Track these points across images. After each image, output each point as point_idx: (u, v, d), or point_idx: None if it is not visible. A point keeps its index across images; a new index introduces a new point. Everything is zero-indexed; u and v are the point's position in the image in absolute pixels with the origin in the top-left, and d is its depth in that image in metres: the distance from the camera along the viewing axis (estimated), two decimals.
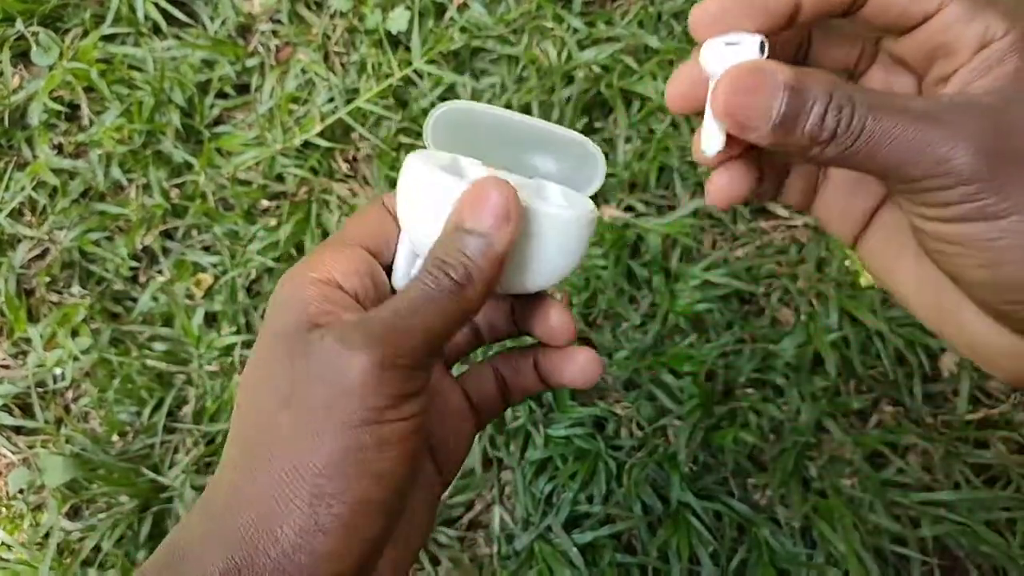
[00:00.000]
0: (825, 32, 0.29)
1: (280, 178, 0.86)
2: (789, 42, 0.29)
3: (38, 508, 0.79)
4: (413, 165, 0.29)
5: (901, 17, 0.26)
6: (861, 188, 0.31)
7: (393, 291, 0.32)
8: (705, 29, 0.26)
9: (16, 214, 0.88)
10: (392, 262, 0.32)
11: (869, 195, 0.31)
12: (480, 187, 0.27)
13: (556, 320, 0.32)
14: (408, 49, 0.87)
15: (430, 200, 0.28)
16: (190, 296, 0.84)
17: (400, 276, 0.31)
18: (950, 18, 0.26)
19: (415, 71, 0.86)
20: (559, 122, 0.82)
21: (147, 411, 0.80)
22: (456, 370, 0.35)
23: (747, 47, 0.25)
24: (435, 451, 0.32)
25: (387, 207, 0.31)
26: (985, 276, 0.25)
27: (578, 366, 0.32)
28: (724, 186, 0.29)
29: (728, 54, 0.26)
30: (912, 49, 0.27)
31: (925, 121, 0.24)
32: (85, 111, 0.90)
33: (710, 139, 0.27)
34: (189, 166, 0.87)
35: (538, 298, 0.32)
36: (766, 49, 0.26)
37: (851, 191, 0.31)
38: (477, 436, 0.74)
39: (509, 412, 0.75)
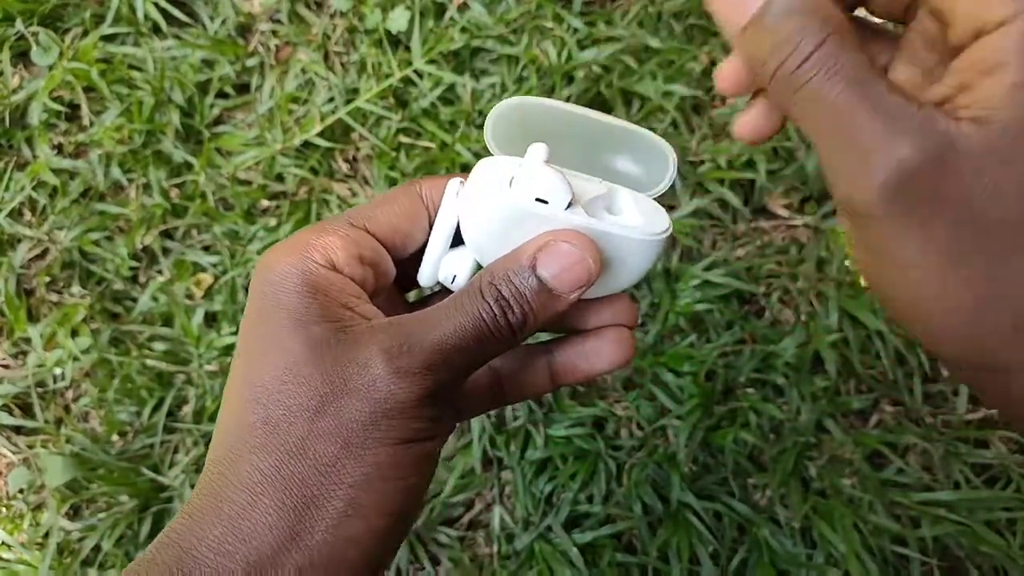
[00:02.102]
0: None
1: (280, 178, 0.86)
2: None
3: (38, 508, 0.79)
4: (483, 177, 0.27)
5: None
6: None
7: (400, 283, 0.31)
8: None
9: (16, 214, 0.88)
10: (411, 253, 0.30)
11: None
12: (568, 242, 0.26)
13: (616, 311, 0.31)
14: (408, 49, 0.87)
15: (502, 222, 0.27)
16: (190, 296, 0.84)
17: (427, 276, 0.30)
18: None
19: (415, 71, 0.86)
20: None
21: (147, 411, 0.80)
22: None
23: None
24: None
25: (421, 196, 0.30)
26: (916, 285, 0.23)
27: (611, 344, 0.31)
28: (750, 120, 0.28)
29: None
30: (925, 11, 0.24)
31: (869, 118, 0.21)
32: (85, 111, 0.90)
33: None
34: (189, 166, 0.87)
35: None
36: None
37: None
38: (477, 436, 0.74)
39: (509, 412, 0.75)
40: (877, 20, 0.26)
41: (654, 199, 0.30)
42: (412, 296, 0.34)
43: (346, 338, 0.25)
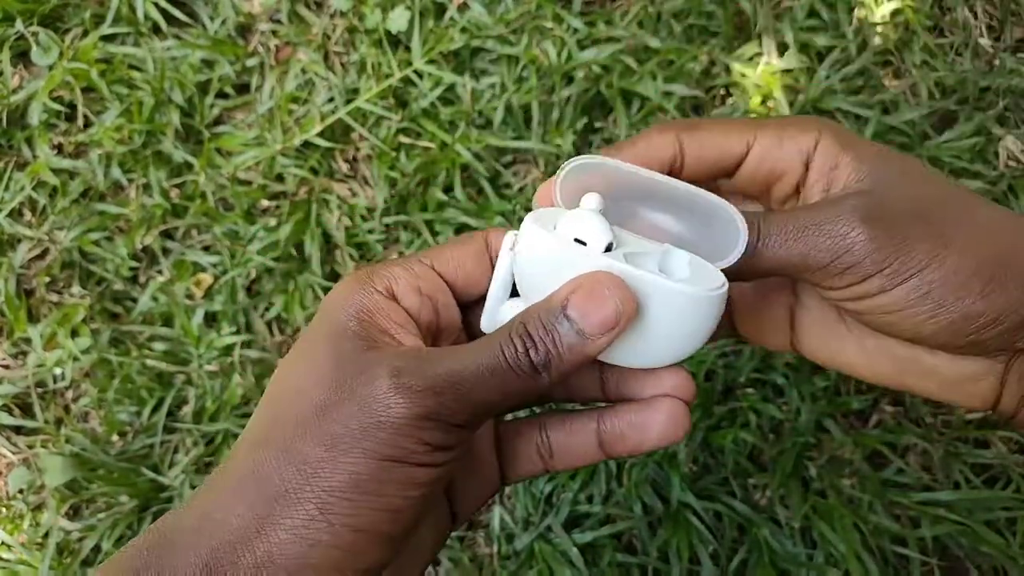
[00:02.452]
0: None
1: (280, 178, 0.86)
2: None
3: (38, 508, 0.79)
4: (529, 227, 0.27)
5: (720, 163, 0.30)
6: (773, 298, 0.33)
7: (467, 330, 0.31)
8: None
9: (16, 214, 0.88)
10: (476, 297, 0.30)
11: (781, 304, 0.33)
12: (600, 281, 0.25)
13: (671, 382, 0.29)
14: (408, 49, 0.87)
15: (543, 263, 0.27)
16: (190, 296, 0.84)
17: (487, 323, 0.30)
18: (762, 151, 0.29)
19: (415, 71, 0.86)
20: (558, 122, 0.83)
21: (147, 411, 0.80)
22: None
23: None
24: (454, 494, 0.31)
25: (488, 244, 0.30)
26: (937, 325, 0.27)
27: (663, 416, 0.29)
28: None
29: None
30: (746, 182, 0.30)
31: (815, 216, 0.27)
32: (85, 111, 0.90)
33: None
34: (189, 166, 0.87)
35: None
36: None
37: (766, 303, 0.34)
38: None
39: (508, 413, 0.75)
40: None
41: (720, 269, 0.28)
42: None
43: (367, 355, 0.25)
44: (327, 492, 0.23)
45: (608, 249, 0.27)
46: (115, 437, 0.80)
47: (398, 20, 0.87)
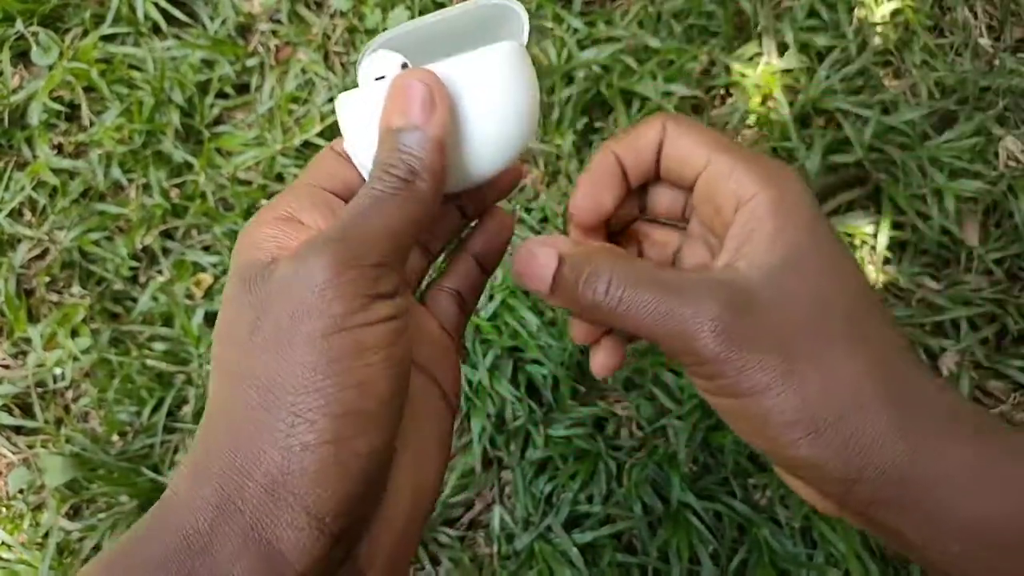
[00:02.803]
0: (656, 185, 0.32)
1: (280, 178, 0.86)
2: (628, 199, 0.32)
3: (38, 508, 0.79)
4: (340, 97, 0.28)
5: (681, 168, 0.29)
6: None
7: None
8: (585, 214, 0.31)
9: (16, 214, 0.88)
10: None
11: None
12: (396, 83, 0.26)
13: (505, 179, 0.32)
14: None
15: (361, 117, 0.27)
16: (190, 296, 0.84)
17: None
18: (713, 174, 0.28)
19: None
20: (558, 122, 0.83)
21: (147, 411, 0.80)
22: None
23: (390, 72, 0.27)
24: (432, 376, 0.31)
25: (337, 150, 0.30)
26: (749, 439, 0.27)
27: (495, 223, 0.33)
28: (603, 360, 0.33)
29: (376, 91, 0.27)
30: (698, 203, 0.30)
31: (675, 299, 0.26)
32: (85, 111, 0.90)
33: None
34: (189, 166, 0.87)
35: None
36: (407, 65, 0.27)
37: None
38: (477, 436, 0.74)
39: (509, 412, 0.75)
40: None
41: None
42: None
43: (274, 263, 0.25)
44: (292, 393, 0.22)
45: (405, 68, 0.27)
46: (115, 437, 0.80)
47: (398, 20, 0.87)
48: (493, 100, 0.27)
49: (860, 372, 0.25)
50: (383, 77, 0.28)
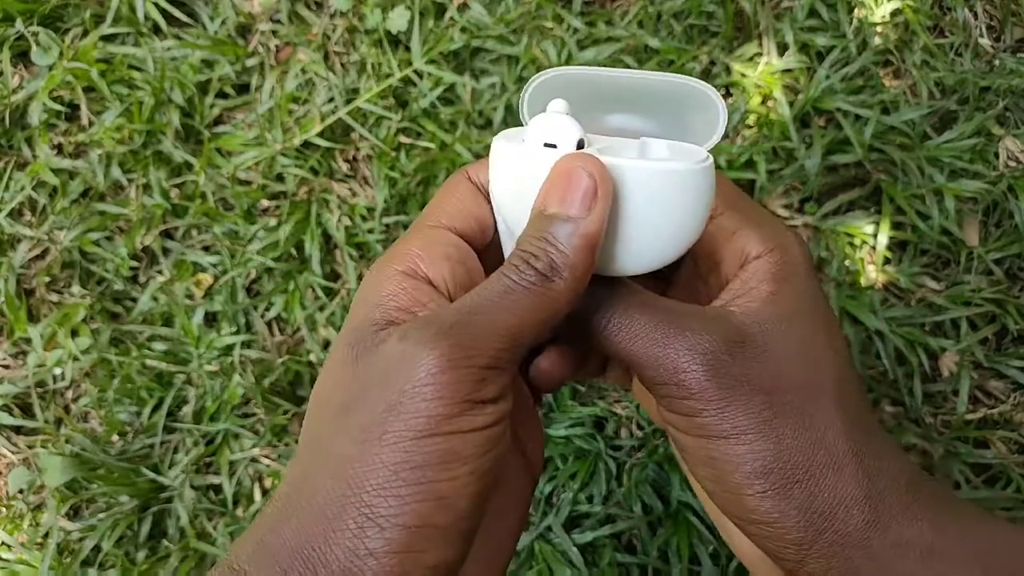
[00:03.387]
0: None
1: (280, 178, 0.86)
2: None
3: (38, 508, 0.79)
4: (498, 144, 0.25)
5: None
6: None
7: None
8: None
9: (16, 214, 0.88)
10: (489, 242, 0.28)
11: None
12: (562, 165, 0.24)
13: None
14: (408, 49, 0.87)
15: (518, 178, 0.25)
16: (190, 296, 0.84)
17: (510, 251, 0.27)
18: (717, 230, 0.27)
19: (415, 71, 0.86)
20: None
21: (147, 411, 0.80)
22: None
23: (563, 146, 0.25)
24: (517, 441, 0.29)
25: (474, 181, 0.28)
26: (710, 487, 0.26)
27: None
28: (547, 369, 0.30)
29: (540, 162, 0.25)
30: (698, 253, 0.29)
31: (670, 327, 0.25)
32: (85, 111, 0.90)
33: None
34: (189, 166, 0.87)
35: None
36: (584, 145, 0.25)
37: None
38: None
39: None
40: None
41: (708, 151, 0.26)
42: None
43: (381, 335, 0.23)
44: (369, 493, 0.21)
45: (580, 147, 0.25)
46: (115, 437, 0.80)
47: (398, 20, 0.87)
48: (659, 216, 0.25)
49: (840, 433, 0.25)
50: (554, 145, 0.25)
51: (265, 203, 0.86)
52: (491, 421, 0.22)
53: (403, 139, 0.86)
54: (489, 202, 0.28)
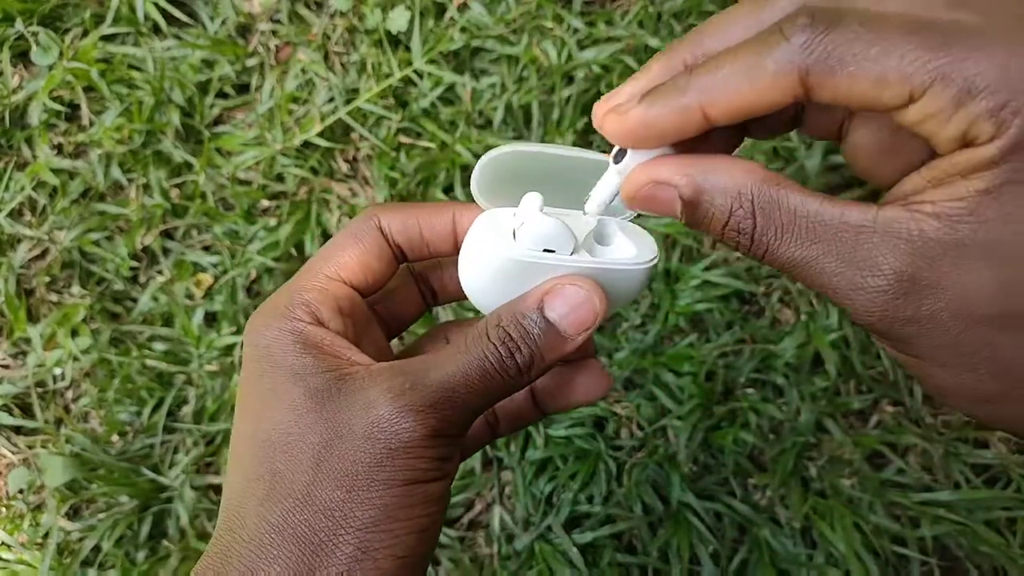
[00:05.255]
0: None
1: (280, 178, 0.86)
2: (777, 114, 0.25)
3: (38, 508, 0.79)
4: (488, 236, 0.28)
5: (864, 106, 0.22)
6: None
7: (384, 329, 0.33)
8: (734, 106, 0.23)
9: (16, 214, 0.88)
10: (381, 292, 0.31)
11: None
12: (575, 292, 0.27)
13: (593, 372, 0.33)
14: (408, 49, 0.87)
15: (504, 270, 0.28)
16: (190, 296, 0.84)
17: (595, 205, 0.29)
18: (929, 109, 0.21)
19: (415, 71, 0.86)
20: (558, 122, 0.82)
21: (147, 411, 0.80)
22: None
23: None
24: None
25: (384, 232, 0.30)
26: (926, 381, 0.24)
27: (589, 378, 0.33)
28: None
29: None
30: (900, 125, 0.23)
31: (837, 257, 0.23)
32: (85, 111, 0.90)
33: None
34: (189, 166, 0.87)
35: None
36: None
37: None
38: None
39: None
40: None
41: (634, 221, 0.31)
42: (395, 345, 0.35)
43: (347, 384, 0.26)
44: (363, 530, 0.24)
45: (573, 252, 0.28)
46: (115, 437, 0.80)
47: (398, 20, 0.87)
48: (615, 302, 0.29)
49: None
50: (553, 250, 0.28)
51: (265, 203, 0.86)
52: (453, 470, 0.27)
53: (403, 139, 0.86)
54: (394, 254, 0.31)
